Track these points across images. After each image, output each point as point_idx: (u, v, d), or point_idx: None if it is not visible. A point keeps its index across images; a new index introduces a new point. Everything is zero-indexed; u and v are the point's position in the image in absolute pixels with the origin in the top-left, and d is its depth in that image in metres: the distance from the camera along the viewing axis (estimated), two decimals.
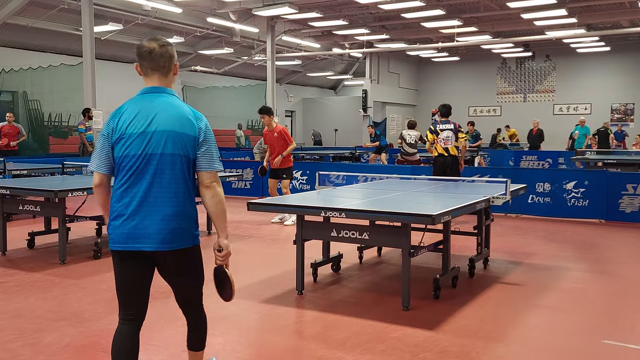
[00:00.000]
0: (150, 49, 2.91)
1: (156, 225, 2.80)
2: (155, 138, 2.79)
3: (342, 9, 20.19)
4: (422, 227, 5.46)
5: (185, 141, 2.83)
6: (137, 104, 2.86)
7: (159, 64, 2.92)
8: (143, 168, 2.79)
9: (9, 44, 19.06)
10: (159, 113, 2.83)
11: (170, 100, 2.89)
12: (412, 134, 12.98)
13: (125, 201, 2.82)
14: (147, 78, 2.96)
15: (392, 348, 4.02)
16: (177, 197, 2.86)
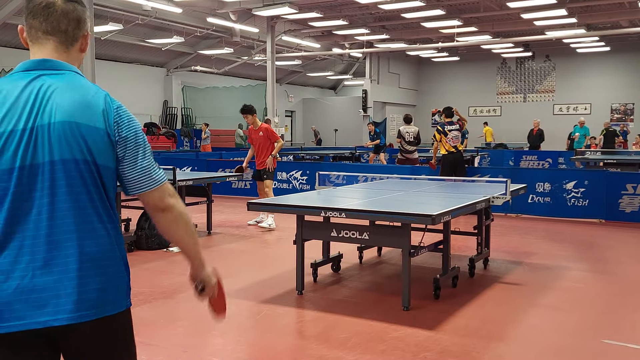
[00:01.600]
0: (48, 2, 1.77)
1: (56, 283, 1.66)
2: (43, 138, 1.68)
3: (342, 9, 20.20)
4: (422, 227, 5.46)
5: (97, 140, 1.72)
6: (13, 86, 1.72)
7: (59, 27, 1.79)
8: (26, 188, 1.67)
9: (9, 44, 19.08)
10: (45, 97, 1.71)
11: (71, 80, 1.77)
12: (410, 131, 12.91)
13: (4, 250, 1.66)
14: (35, 46, 1.80)
15: (393, 348, 4.03)
16: (87, 232, 1.72)
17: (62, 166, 1.68)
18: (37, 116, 1.69)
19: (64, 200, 1.69)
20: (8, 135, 1.66)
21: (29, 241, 1.66)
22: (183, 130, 25.12)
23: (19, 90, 1.71)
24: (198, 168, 13.41)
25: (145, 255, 6.95)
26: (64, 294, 1.66)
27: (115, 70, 22.27)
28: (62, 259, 1.67)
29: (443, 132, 10.18)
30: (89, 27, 1.91)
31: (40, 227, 1.67)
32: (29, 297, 1.64)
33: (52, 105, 1.70)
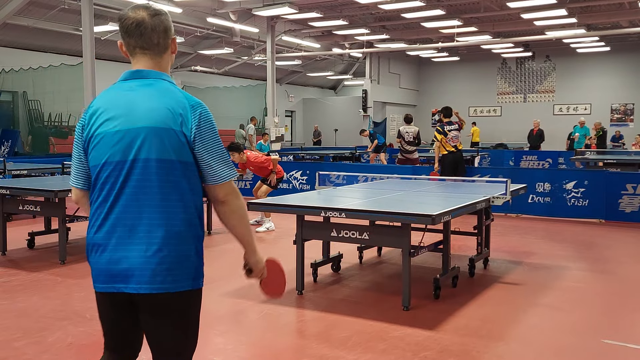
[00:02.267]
0: (137, 21, 2.10)
1: (139, 259, 2.03)
2: (140, 139, 2.04)
3: (342, 9, 20.21)
4: (422, 227, 5.47)
5: (178, 141, 2.05)
6: (114, 94, 2.11)
7: (151, 41, 2.13)
8: (122, 181, 2.05)
9: (9, 44, 19.07)
10: (139, 105, 2.06)
11: (160, 86, 2.11)
12: (410, 131, 12.88)
13: (99, 226, 2.07)
14: (133, 59, 2.17)
15: (393, 347, 4.04)
16: (168, 219, 2.05)
17: (149, 163, 2.03)
18: (133, 120, 2.05)
19: (149, 191, 2.04)
20: (108, 135, 2.05)
21: (121, 222, 2.04)
22: None
23: (120, 96, 2.10)
24: None
25: None
26: (143, 268, 2.02)
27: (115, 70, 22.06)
28: (144, 239, 2.03)
29: (443, 132, 10.23)
30: (173, 31, 2.21)
31: (129, 212, 2.04)
32: (116, 267, 2.04)
33: (140, 112, 2.05)
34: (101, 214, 2.07)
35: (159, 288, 2.04)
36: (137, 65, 2.16)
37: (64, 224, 6.54)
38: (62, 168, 9.23)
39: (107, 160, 2.06)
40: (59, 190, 6.32)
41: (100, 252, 2.08)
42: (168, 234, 2.04)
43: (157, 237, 2.03)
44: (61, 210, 6.52)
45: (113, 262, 2.05)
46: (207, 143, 2.11)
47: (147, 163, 2.04)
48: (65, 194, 6.36)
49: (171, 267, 2.05)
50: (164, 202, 2.05)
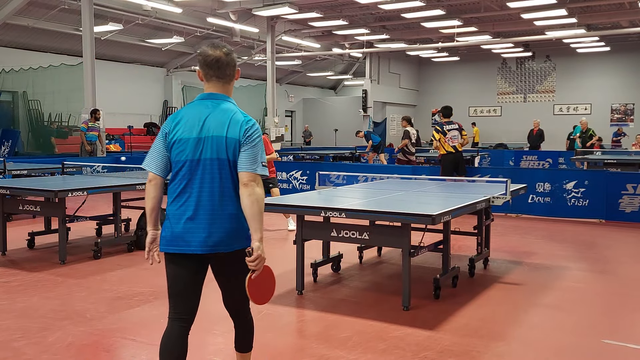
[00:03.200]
0: (216, 58, 2.94)
1: (206, 228, 2.81)
2: (207, 144, 2.84)
3: (342, 9, 20.20)
4: (422, 227, 5.47)
5: (234, 146, 2.83)
6: (194, 110, 2.93)
7: (225, 73, 2.97)
8: (194, 172, 2.85)
9: (9, 44, 19.07)
10: (212, 119, 2.87)
11: (225, 107, 2.92)
12: (413, 132, 12.96)
13: (178, 204, 2.88)
14: (209, 84, 2.97)
15: (393, 347, 4.04)
16: (226, 201, 2.84)
17: (214, 161, 2.84)
18: (202, 130, 2.86)
19: (216, 179, 2.84)
20: (187, 140, 2.86)
21: (191, 201, 2.84)
22: None
23: (196, 112, 2.91)
24: None
25: None
26: (206, 234, 2.81)
27: (115, 70, 22.26)
28: (207, 213, 2.82)
29: (442, 131, 10.09)
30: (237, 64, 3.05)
31: (195, 194, 2.84)
32: (188, 234, 2.83)
33: (211, 123, 2.86)
34: (182, 195, 2.87)
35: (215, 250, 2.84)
36: (211, 89, 2.96)
37: (64, 224, 6.54)
38: (62, 168, 9.21)
39: (186, 157, 2.86)
40: (59, 190, 6.31)
41: (175, 221, 2.86)
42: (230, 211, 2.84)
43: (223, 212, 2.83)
44: (61, 210, 6.51)
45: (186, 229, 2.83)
46: (248, 145, 2.85)
47: (214, 162, 2.84)
48: (65, 194, 6.36)
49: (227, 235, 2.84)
50: (226, 188, 2.85)
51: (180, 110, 2.97)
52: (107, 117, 17.08)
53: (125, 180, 7.48)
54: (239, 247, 2.86)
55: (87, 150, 14.35)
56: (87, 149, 14.34)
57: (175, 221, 2.85)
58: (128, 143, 19.52)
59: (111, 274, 6.09)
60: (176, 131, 2.88)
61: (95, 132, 14.56)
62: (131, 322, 4.56)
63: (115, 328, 4.41)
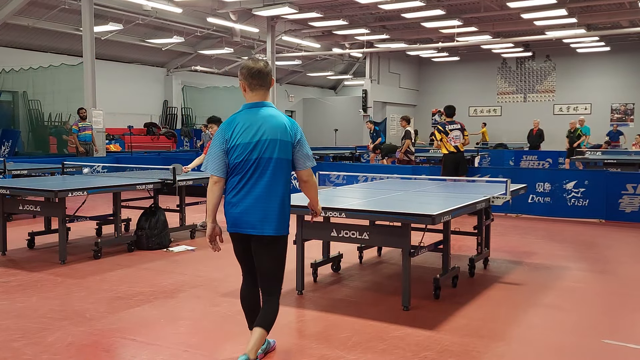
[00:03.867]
0: (259, 69, 3.54)
1: (260, 215, 3.49)
2: (262, 146, 3.47)
3: (342, 9, 20.20)
4: (422, 227, 5.47)
5: (285, 147, 3.52)
6: (246, 117, 3.53)
7: (266, 81, 3.57)
8: (251, 170, 3.48)
9: (9, 44, 19.07)
10: (263, 124, 3.49)
11: (271, 112, 3.56)
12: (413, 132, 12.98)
13: (236, 195, 3.52)
14: (252, 93, 3.58)
15: (393, 347, 4.04)
16: (275, 193, 3.51)
17: (271, 161, 3.50)
18: (257, 134, 3.49)
19: (269, 176, 3.50)
20: (247, 144, 3.48)
21: (247, 190, 3.51)
22: (183, 130, 25.10)
23: (248, 119, 3.52)
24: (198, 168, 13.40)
25: (146, 255, 6.95)
26: (258, 219, 3.51)
27: (115, 70, 22.26)
28: (261, 203, 3.50)
29: (444, 131, 10.04)
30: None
31: (250, 185, 3.50)
32: (244, 218, 3.52)
33: (264, 128, 3.50)
34: (238, 187, 3.51)
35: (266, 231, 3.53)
36: (256, 98, 3.58)
37: (64, 224, 6.54)
38: (62, 168, 9.21)
39: (243, 159, 3.47)
40: (59, 190, 6.31)
41: (233, 208, 3.53)
42: (277, 202, 3.51)
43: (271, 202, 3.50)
44: (61, 210, 6.51)
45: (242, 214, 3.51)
46: (301, 147, 3.59)
47: (269, 160, 3.49)
48: (65, 194, 6.36)
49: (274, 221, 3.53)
50: (276, 183, 3.51)
51: (235, 117, 3.55)
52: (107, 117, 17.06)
53: (125, 180, 7.48)
54: (276, 233, 3.54)
55: (81, 152, 14.30)
56: (80, 150, 14.29)
57: (233, 208, 3.52)
58: (128, 143, 19.53)
59: (111, 273, 6.09)
60: (234, 137, 3.48)
61: (88, 131, 14.48)
62: (131, 322, 4.56)
63: (115, 328, 4.41)
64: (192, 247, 7.45)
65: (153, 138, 23.14)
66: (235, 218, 3.53)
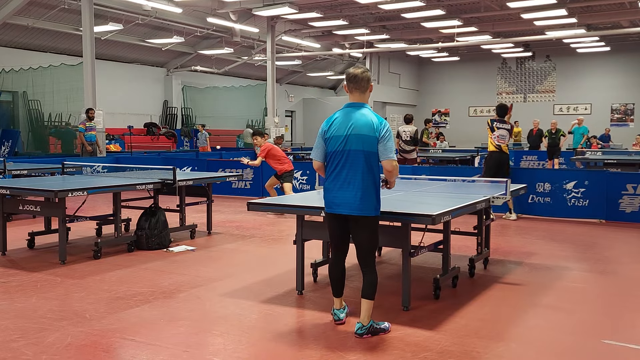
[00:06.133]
0: (355, 74, 4.21)
1: (349, 198, 4.14)
2: (351, 139, 4.11)
3: (342, 9, 20.20)
4: (422, 227, 5.46)
5: (370, 141, 4.09)
6: (342, 115, 4.21)
7: (360, 85, 4.22)
8: (343, 159, 4.14)
9: (9, 44, 19.07)
10: (354, 121, 4.13)
11: (363, 112, 4.18)
12: (407, 130, 12.83)
13: (331, 181, 4.23)
14: (351, 94, 4.26)
15: (393, 347, 4.03)
16: (362, 180, 4.12)
17: (358, 153, 4.13)
18: (348, 129, 4.15)
19: (357, 165, 4.13)
20: (340, 137, 4.17)
21: (338, 178, 4.20)
22: (183, 130, 25.10)
23: (344, 116, 4.21)
24: (198, 168, 13.42)
25: (146, 255, 6.95)
26: (349, 201, 4.17)
27: (115, 70, 22.26)
28: (351, 188, 4.16)
29: (491, 127, 9.68)
30: (371, 80, 4.28)
31: (343, 173, 4.18)
32: (337, 200, 4.23)
33: (354, 125, 4.15)
34: (332, 174, 4.23)
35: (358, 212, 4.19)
36: (353, 99, 4.26)
37: (64, 224, 6.53)
38: (62, 168, 9.21)
39: (336, 149, 4.18)
40: (59, 190, 6.30)
41: (329, 192, 4.26)
42: (364, 187, 4.14)
43: (359, 188, 4.13)
44: (61, 210, 6.50)
45: (336, 197, 4.22)
46: (385, 141, 4.12)
47: (356, 152, 4.12)
48: (65, 194, 6.35)
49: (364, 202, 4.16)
50: (363, 172, 4.13)
51: (334, 114, 4.27)
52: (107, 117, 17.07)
53: (125, 180, 7.48)
54: (367, 214, 4.16)
55: (88, 151, 14.34)
56: (87, 149, 14.32)
57: (329, 192, 4.25)
58: (128, 143, 19.53)
59: (110, 274, 6.08)
60: (331, 131, 4.21)
61: (93, 131, 14.54)
62: (130, 322, 4.56)
63: (114, 328, 4.40)
64: (192, 247, 7.45)
65: (153, 138, 23.15)
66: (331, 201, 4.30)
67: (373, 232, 4.29)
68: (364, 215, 4.16)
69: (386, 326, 4.35)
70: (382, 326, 4.33)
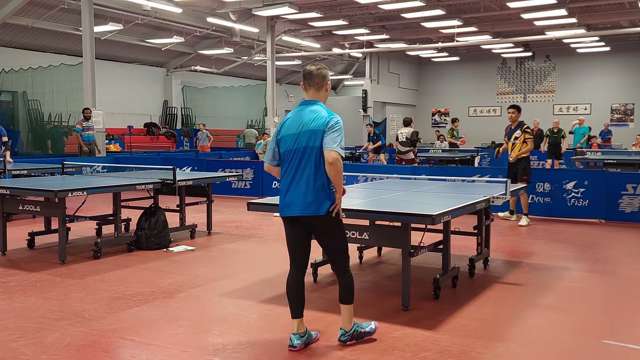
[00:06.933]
0: (309, 71, 4.02)
1: (302, 198, 3.87)
2: (302, 137, 3.88)
3: (342, 9, 20.19)
4: (422, 227, 5.46)
5: (320, 136, 3.84)
6: (294, 113, 4.00)
7: (314, 82, 4.00)
8: (295, 158, 3.91)
9: (9, 44, 19.07)
10: (305, 118, 3.91)
11: (315, 108, 3.96)
12: (404, 132, 13.00)
13: (284, 181, 3.98)
14: (306, 92, 4.04)
15: (393, 347, 4.03)
16: (316, 178, 3.86)
17: (308, 149, 3.87)
18: (299, 127, 3.91)
19: (309, 163, 3.87)
20: (289, 135, 3.93)
21: (289, 178, 3.94)
22: (183, 130, 25.10)
23: (295, 115, 3.99)
24: (198, 168, 13.42)
25: (145, 255, 6.94)
26: (300, 201, 3.89)
27: (115, 70, 22.26)
28: (304, 187, 3.88)
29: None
30: (328, 77, 4.06)
31: (292, 173, 3.93)
32: (289, 200, 3.94)
33: (304, 121, 3.91)
34: (284, 174, 3.98)
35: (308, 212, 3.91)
36: (308, 97, 4.04)
37: (64, 224, 6.53)
38: (62, 168, 9.20)
39: (287, 148, 3.94)
40: (59, 190, 6.30)
41: (282, 194, 3.97)
42: (318, 185, 3.86)
43: (312, 186, 3.86)
44: (61, 210, 6.50)
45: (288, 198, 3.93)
46: (330, 132, 3.84)
47: (307, 149, 3.86)
48: (65, 194, 6.35)
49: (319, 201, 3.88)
50: (317, 169, 3.86)
51: (288, 114, 4.05)
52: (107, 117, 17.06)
53: (125, 180, 7.47)
54: (320, 213, 3.88)
55: (85, 152, 14.32)
56: (84, 149, 14.30)
57: (282, 194, 3.98)
58: (128, 143, 19.53)
59: (110, 274, 6.08)
60: (282, 131, 4.00)
61: (91, 131, 14.50)
62: (130, 322, 4.55)
63: (114, 328, 4.40)
64: (192, 247, 7.45)
65: (153, 138, 23.14)
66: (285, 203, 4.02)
67: (336, 232, 4.02)
68: (319, 214, 3.88)
69: (372, 328, 4.19)
70: (368, 329, 4.14)
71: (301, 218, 3.91)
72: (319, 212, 3.87)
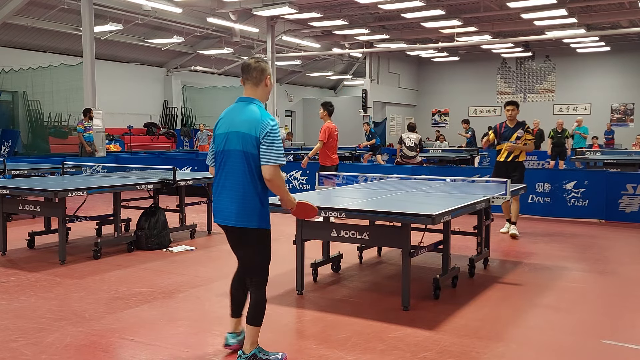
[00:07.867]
0: (247, 64, 3.68)
1: (226, 205, 3.56)
2: (231, 138, 3.55)
3: (342, 9, 20.19)
4: (422, 227, 5.46)
5: (250, 141, 3.48)
6: (228, 111, 3.71)
7: (252, 76, 3.64)
8: (223, 160, 3.59)
9: (9, 44, 19.06)
10: (236, 118, 3.59)
11: (250, 107, 3.60)
12: (412, 137, 13.15)
13: (214, 185, 3.68)
14: (244, 88, 3.70)
15: (393, 347, 4.03)
16: (242, 185, 3.51)
17: (236, 152, 3.52)
18: (229, 126, 3.59)
19: (236, 167, 3.52)
20: (221, 136, 3.62)
21: (219, 181, 3.61)
22: (183, 130, 25.09)
23: (228, 112, 3.69)
24: (198, 168, 13.41)
25: (145, 255, 6.94)
26: (224, 209, 3.57)
27: (115, 70, 22.25)
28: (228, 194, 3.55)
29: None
30: (270, 72, 3.69)
31: (222, 177, 3.59)
32: (216, 207, 3.62)
33: (235, 121, 3.58)
34: (215, 177, 3.66)
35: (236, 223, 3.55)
36: (245, 93, 3.68)
37: (63, 224, 6.53)
38: (62, 168, 9.20)
39: (217, 149, 3.64)
40: (59, 190, 6.30)
41: (213, 198, 3.66)
42: (243, 194, 3.50)
43: (237, 194, 3.51)
44: (61, 210, 6.50)
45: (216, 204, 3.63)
46: (267, 142, 3.46)
47: (235, 152, 3.52)
48: (65, 194, 6.35)
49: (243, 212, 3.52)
50: (244, 175, 3.50)
51: (224, 111, 3.74)
52: (107, 117, 17.05)
53: (125, 180, 7.47)
54: (246, 225, 3.52)
55: (88, 152, 14.31)
56: (87, 150, 14.29)
57: (214, 199, 3.66)
58: (128, 143, 19.52)
59: (110, 274, 6.08)
60: (216, 129, 3.70)
61: (91, 131, 14.49)
62: (129, 322, 4.55)
63: (114, 328, 4.40)
64: (192, 247, 7.44)
65: (153, 138, 23.13)
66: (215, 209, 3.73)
67: (262, 248, 3.62)
68: (241, 226, 3.52)
69: (277, 358, 3.67)
70: (272, 357, 3.66)
71: (227, 226, 3.61)
72: (242, 223, 3.52)
